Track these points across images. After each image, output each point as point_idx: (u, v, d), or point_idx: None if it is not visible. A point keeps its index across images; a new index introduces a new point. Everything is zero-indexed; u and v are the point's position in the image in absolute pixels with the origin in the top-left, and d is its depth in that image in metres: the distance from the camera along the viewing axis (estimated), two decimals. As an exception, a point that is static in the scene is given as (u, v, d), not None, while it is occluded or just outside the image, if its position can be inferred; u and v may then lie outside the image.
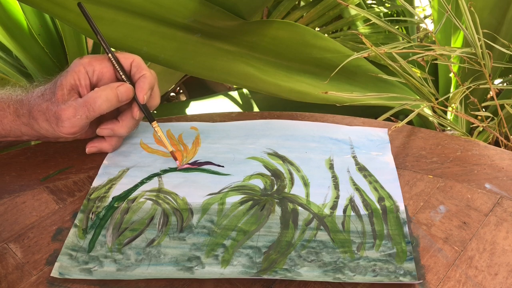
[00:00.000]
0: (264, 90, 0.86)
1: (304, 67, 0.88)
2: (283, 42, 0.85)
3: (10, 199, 0.54)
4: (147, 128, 0.64)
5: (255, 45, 0.84)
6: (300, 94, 0.87)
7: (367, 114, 0.77)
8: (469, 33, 0.73)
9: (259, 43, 0.84)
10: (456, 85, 1.07)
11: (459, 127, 0.79)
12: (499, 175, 0.56)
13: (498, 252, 0.48)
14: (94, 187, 0.55)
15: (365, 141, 0.62)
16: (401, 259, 0.47)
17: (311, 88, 0.88)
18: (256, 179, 0.56)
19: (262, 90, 0.86)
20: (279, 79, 0.85)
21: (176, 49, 0.79)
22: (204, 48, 0.81)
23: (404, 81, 0.74)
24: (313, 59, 0.89)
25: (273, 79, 0.84)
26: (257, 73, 0.83)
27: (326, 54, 0.88)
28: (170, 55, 0.79)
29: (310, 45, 0.88)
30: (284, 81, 0.85)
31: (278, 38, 0.85)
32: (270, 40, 0.84)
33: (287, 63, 0.87)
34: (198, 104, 1.18)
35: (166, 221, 0.51)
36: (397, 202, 0.53)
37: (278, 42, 0.85)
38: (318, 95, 0.83)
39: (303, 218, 0.51)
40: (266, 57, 0.85)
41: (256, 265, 0.46)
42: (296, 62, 0.87)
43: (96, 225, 0.51)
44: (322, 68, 0.89)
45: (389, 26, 0.80)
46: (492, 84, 0.78)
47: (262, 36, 0.84)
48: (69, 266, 0.46)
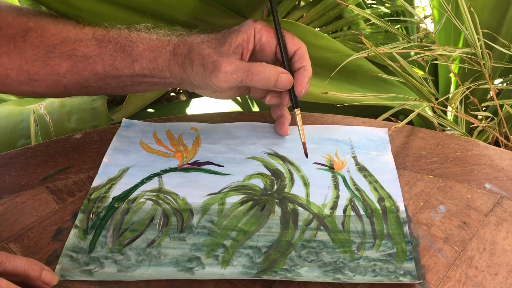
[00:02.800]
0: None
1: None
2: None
3: (10, 199, 0.54)
4: (147, 128, 0.64)
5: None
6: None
7: (367, 114, 0.77)
8: (469, 33, 0.73)
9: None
10: (456, 85, 1.07)
11: (459, 127, 0.79)
12: (499, 175, 0.56)
13: (498, 252, 0.48)
14: (94, 187, 0.55)
15: (365, 141, 0.62)
16: (401, 259, 0.47)
17: (311, 88, 0.87)
18: (256, 178, 0.56)
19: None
20: (279, 79, 0.84)
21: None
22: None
23: (404, 81, 0.74)
24: (313, 58, 0.88)
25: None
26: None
27: (326, 54, 0.88)
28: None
29: (310, 45, 0.87)
30: (284, 80, 0.85)
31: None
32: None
33: (287, 62, 0.87)
34: (198, 103, 1.18)
35: (166, 222, 0.51)
36: (397, 202, 0.53)
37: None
38: (318, 94, 0.82)
39: (303, 219, 0.51)
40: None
41: (256, 265, 0.46)
42: (296, 62, 0.87)
43: (97, 225, 0.51)
44: (322, 68, 0.88)
45: (389, 26, 0.80)
46: (492, 84, 0.78)
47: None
48: (70, 267, 0.46)
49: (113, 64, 0.56)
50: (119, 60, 0.55)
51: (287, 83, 0.55)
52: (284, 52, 0.56)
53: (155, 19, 0.76)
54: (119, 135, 0.62)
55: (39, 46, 0.56)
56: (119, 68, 0.56)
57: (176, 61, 0.55)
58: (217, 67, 0.52)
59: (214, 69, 0.53)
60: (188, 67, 0.54)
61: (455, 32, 1.03)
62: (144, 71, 0.56)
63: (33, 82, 0.57)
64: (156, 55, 0.55)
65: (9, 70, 0.56)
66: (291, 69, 0.57)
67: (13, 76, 0.56)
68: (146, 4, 0.74)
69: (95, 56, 0.56)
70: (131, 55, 0.55)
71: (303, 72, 0.56)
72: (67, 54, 0.56)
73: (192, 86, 0.58)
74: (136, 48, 0.55)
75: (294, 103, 0.58)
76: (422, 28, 1.35)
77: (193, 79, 0.55)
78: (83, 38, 0.56)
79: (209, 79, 0.53)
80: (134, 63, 0.55)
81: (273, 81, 0.54)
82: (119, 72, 0.56)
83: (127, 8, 0.73)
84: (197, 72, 0.54)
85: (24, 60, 0.55)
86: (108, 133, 0.63)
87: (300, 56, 0.57)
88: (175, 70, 0.55)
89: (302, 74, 0.56)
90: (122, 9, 0.73)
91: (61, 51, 0.56)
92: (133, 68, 0.56)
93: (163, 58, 0.55)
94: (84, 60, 0.56)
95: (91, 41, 0.56)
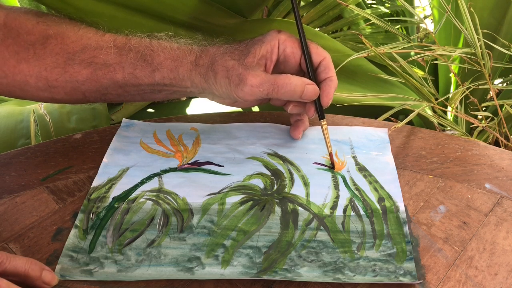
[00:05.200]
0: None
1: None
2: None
3: (10, 199, 0.54)
4: (147, 128, 0.64)
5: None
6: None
7: (367, 114, 0.77)
8: (469, 33, 0.73)
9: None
10: (456, 85, 1.07)
11: (459, 127, 0.79)
12: (499, 175, 0.56)
13: (498, 252, 0.48)
14: (94, 186, 0.55)
15: (365, 141, 0.62)
16: (401, 259, 0.47)
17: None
18: (256, 178, 0.56)
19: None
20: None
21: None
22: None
23: (404, 81, 0.74)
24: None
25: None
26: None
27: (326, 54, 0.88)
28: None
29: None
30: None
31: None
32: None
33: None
34: (198, 103, 1.18)
35: (166, 222, 0.51)
36: (397, 202, 0.53)
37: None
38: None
39: (303, 219, 0.51)
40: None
41: (256, 265, 0.46)
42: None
43: (97, 225, 0.51)
44: (322, 68, 0.88)
45: (389, 26, 0.80)
46: (492, 84, 0.78)
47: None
48: (70, 267, 0.46)
49: (133, 72, 0.55)
50: (139, 69, 0.55)
51: (313, 94, 0.55)
52: (309, 63, 0.56)
53: (156, 19, 0.76)
54: (119, 135, 0.62)
55: (59, 53, 0.55)
56: (139, 77, 0.55)
57: (198, 72, 0.54)
58: (243, 81, 0.52)
59: (240, 83, 0.52)
60: (211, 78, 0.54)
61: (455, 32, 1.03)
62: (164, 81, 0.55)
63: (52, 89, 0.56)
64: (177, 64, 0.54)
65: (28, 77, 0.55)
66: (317, 80, 0.57)
67: (31, 83, 0.56)
68: (147, 4, 0.74)
69: (115, 64, 0.55)
70: (152, 64, 0.55)
71: (329, 83, 0.56)
72: (87, 61, 0.55)
73: (213, 96, 0.58)
74: (157, 57, 0.55)
75: (320, 114, 0.57)
76: (422, 28, 1.35)
77: (215, 90, 0.55)
78: (103, 46, 0.55)
79: (235, 92, 0.53)
80: (154, 72, 0.55)
81: (299, 92, 0.54)
82: (139, 81, 0.55)
83: (128, 8, 0.73)
84: (221, 84, 0.53)
85: (43, 67, 0.55)
86: (108, 133, 0.63)
87: (325, 67, 0.56)
88: (197, 80, 0.55)
89: (328, 85, 0.56)
90: (123, 9, 0.73)
91: (81, 58, 0.55)
92: (153, 77, 0.55)
93: (185, 68, 0.54)
94: (104, 68, 0.55)
95: (111, 49, 0.55)
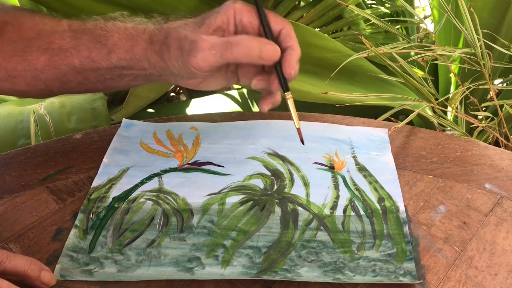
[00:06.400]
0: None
1: (304, 66, 0.87)
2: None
3: (10, 199, 0.54)
4: (147, 128, 0.64)
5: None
6: (300, 93, 0.87)
7: (367, 114, 0.77)
8: (469, 33, 0.73)
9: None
10: (456, 85, 1.07)
11: (459, 127, 0.79)
12: (499, 175, 0.56)
13: (498, 252, 0.48)
14: (94, 186, 0.55)
15: (365, 141, 0.62)
16: (401, 259, 0.47)
17: (311, 88, 0.88)
18: (256, 179, 0.56)
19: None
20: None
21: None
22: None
23: (404, 81, 0.74)
24: (313, 58, 0.89)
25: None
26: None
27: (326, 54, 0.88)
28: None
29: (310, 45, 0.88)
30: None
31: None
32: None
33: (287, 62, 0.87)
34: (198, 103, 1.18)
35: (166, 222, 0.51)
36: (397, 202, 0.53)
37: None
38: (318, 94, 0.83)
39: (303, 219, 0.51)
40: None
41: (256, 265, 0.46)
42: (296, 61, 0.87)
43: (97, 225, 0.51)
44: (322, 68, 0.89)
45: (389, 26, 0.80)
46: (492, 84, 0.78)
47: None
48: (70, 267, 0.46)
49: (89, 56, 0.53)
50: (95, 52, 0.53)
51: (273, 53, 0.50)
52: (267, 29, 0.52)
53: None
54: (119, 135, 0.62)
55: (16, 41, 0.54)
56: (96, 60, 0.54)
57: (153, 50, 0.52)
58: (194, 46, 0.49)
59: (191, 49, 0.50)
60: (166, 54, 0.52)
61: (455, 32, 1.03)
62: (121, 62, 0.53)
63: (12, 79, 0.55)
64: (132, 44, 0.53)
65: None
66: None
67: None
68: (146, 4, 0.74)
69: (71, 48, 0.54)
70: (107, 45, 0.53)
71: (291, 52, 0.52)
72: (43, 47, 0.54)
73: (174, 77, 0.55)
74: (111, 38, 0.53)
75: (284, 86, 0.53)
76: (422, 28, 1.35)
77: (172, 67, 0.52)
78: (58, 30, 0.54)
79: (188, 61, 0.50)
80: (110, 54, 0.53)
81: (256, 50, 0.49)
82: (96, 65, 0.54)
83: (127, 8, 0.73)
84: (175, 57, 0.51)
85: (2, 56, 0.54)
86: (108, 133, 0.63)
87: (286, 35, 0.53)
88: (153, 59, 0.53)
89: (289, 53, 0.52)
90: (122, 9, 0.73)
91: (38, 44, 0.54)
92: (110, 59, 0.53)
93: (140, 47, 0.53)
94: (61, 53, 0.54)
95: (66, 33, 0.54)
